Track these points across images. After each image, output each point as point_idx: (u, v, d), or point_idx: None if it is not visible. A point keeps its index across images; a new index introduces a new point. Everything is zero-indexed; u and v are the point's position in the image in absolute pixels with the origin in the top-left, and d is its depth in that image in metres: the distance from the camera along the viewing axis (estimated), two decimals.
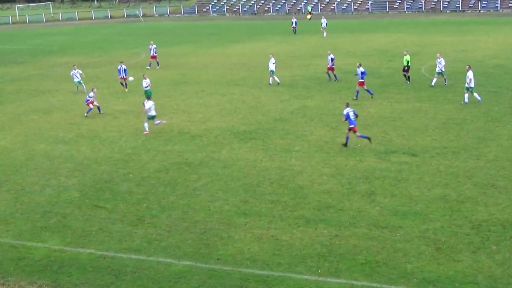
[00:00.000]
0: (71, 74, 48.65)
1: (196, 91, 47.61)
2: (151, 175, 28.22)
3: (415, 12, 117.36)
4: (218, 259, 19.96)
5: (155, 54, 60.25)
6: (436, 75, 44.74)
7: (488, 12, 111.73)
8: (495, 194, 24.27)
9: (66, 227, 22.83)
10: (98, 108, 40.61)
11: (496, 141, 31.16)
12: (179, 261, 19.92)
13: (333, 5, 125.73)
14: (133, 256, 20.38)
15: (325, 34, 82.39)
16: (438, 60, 44.10)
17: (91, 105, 40.08)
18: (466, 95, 39.31)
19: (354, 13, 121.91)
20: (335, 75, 49.17)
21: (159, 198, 25.35)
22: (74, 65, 49.89)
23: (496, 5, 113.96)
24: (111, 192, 26.17)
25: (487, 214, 22.41)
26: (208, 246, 20.89)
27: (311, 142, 32.37)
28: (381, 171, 27.40)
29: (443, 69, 44.23)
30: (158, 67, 59.77)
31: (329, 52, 49.79)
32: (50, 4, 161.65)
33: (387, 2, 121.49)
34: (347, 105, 31.67)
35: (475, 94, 39.28)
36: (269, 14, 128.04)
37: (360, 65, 42.17)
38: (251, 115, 38.56)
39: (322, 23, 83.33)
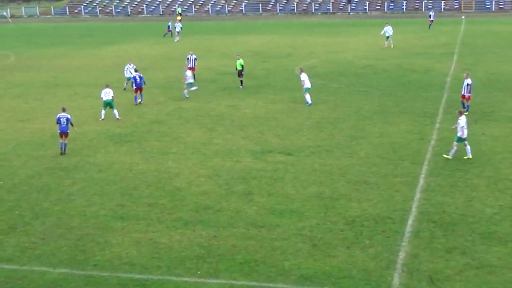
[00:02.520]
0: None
1: (69, 94, 46.44)
2: (23, 181, 27.27)
3: (288, 14, 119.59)
4: (95, 265, 19.54)
5: None
6: (185, 86, 44.47)
7: (357, 15, 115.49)
8: (367, 190, 25.08)
9: None
10: None
11: (367, 139, 32.21)
12: (54, 269, 19.34)
13: (207, 6, 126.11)
14: (5, 266, 19.60)
15: (177, 38, 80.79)
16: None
17: None
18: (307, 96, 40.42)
19: (228, 14, 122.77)
20: (193, 75, 48.20)
21: (32, 204, 24.52)
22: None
23: (365, 7, 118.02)
24: None
25: (360, 210, 23.12)
26: (84, 252, 20.42)
27: (188, 144, 32.32)
28: (257, 171, 27.72)
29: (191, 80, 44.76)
30: None
31: (191, 52, 49.76)
32: None
33: (260, 4, 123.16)
34: (64, 110, 31.67)
35: (307, 96, 40.31)
36: (143, 15, 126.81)
37: (136, 70, 43.58)
38: (127, 117, 38.04)
39: (176, 27, 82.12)
